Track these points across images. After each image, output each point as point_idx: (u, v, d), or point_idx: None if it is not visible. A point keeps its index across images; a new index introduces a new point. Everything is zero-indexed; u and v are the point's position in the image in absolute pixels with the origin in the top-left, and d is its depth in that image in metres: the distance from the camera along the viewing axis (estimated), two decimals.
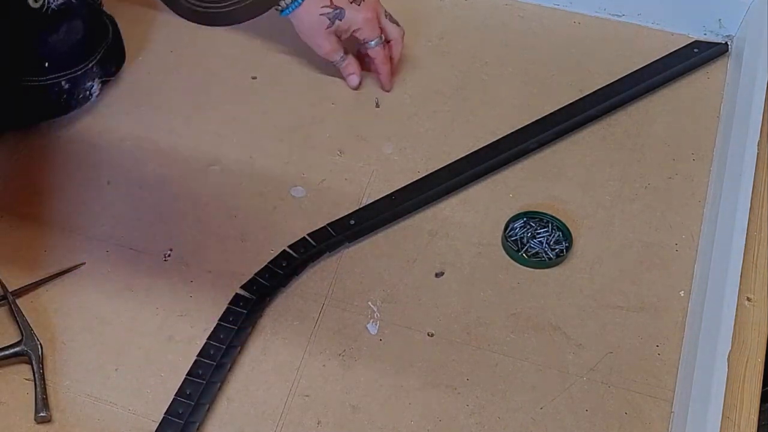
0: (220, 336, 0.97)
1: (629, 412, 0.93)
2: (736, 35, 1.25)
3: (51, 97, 1.10)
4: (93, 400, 0.93)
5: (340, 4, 1.10)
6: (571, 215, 1.08)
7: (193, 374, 0.94)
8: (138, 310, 1.00)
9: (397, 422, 0.92)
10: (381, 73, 1.18)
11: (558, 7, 1.31)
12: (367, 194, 1.10)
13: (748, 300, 0.97)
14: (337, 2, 1.10)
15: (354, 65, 1.17)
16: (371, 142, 1.16)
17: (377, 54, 1.15)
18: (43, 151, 1.14)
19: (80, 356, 0.97)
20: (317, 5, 1.09)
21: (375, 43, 1.14)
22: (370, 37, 1.14)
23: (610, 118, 1.18)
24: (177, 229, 1.07)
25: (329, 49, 1.14)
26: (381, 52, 1.15)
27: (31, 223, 1.07)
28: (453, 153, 1.14)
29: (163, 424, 0.91)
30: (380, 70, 1.17)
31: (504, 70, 1.24)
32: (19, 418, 0.92)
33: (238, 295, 1.00)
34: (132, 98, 1.20)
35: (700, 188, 1.11)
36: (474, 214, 1.09)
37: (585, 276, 1.03)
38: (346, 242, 1.05)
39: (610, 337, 0.98)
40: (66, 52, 1.09)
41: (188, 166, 1.13)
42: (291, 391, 0.94)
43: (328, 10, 1.08)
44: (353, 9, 1.10)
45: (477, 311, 1.00)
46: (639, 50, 1.25)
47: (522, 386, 0.95)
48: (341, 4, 1.10)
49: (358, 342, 0.98)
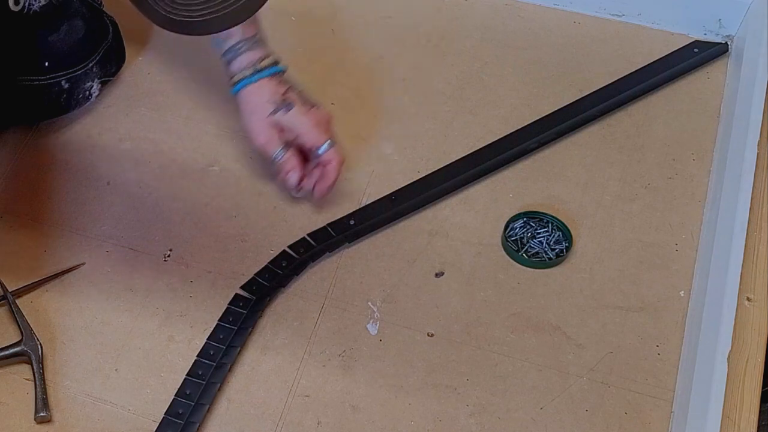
0: (220, 336, 0.97)
1: (629, 412, 0.93)
2: (736, 35, 1.25)
3: (51, 96, 1.10)
4: (93, 400, 0.93)
5: (291, 99, 1.02)
6: (571, 215, 1.08)
7: (193, 374, 0.94)
8: (138, 310, 1.00)
9: (397, 422, 0.92)
10: (326, 180, 1.03)
11: (558, 7, 1.31)
12: (367, 194, 1.10)
13: (748, 300, 0.97)
14: (289, 96, 1.02)
15: (294, 161, 1.03)
16: (371, 142, 1.16)
17: (329, 158, 1.02)
18: (43, 151, 1.14)
19: (80, 356, 0.97)
20: (269, 91, 1.01)
21: (324, 147, 1.02)
22: (317, 142, 1.02)
23: (610, 118, 1.18)
24: (177, 229, 1.07)
25: (265, 140, 1.02)
26: (334, 154, 1.03)
27: (31, 223, 1.08)
28: (453, 153, 1.14)
29: (163, 424, 0.91)
30: (329, 176, 1.03)
31: (504, 70, 1.24)
32: (19, 418, 0.92)
33: (238, 295, 1.00)
34: (132, 98, 1.20)
35: (700, 188, 1.11)
36: (474, 214, 1.09)
37: (585, 276, 1.03)
38: (346, 242, 1.05)
39: (610, 337, 0.98)
40: (66, 52, 1.09)
41: (188, 166, 1.13)
42: (291, 391, 0.94)
43: (276, 99, 1.00)
44: (302, 111, 1.02)
45: (477, 311, 1.00)
46: (639, 50, 1.25)
47: (522, 386, 0.95)
48: (292, 99, 1.02)
49: (358, 342, 0.98)
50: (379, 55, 1.26)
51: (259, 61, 1.01)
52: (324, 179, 1.03)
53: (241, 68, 1.01)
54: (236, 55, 1.01)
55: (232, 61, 1.02)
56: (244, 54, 1.01)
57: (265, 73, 1.01)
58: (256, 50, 1.02)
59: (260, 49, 1.02)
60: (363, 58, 1.25)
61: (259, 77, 1.01)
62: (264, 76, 1.01)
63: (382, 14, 1.31)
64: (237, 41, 1.01)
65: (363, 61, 1.25)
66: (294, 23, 1.30)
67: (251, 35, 1.02)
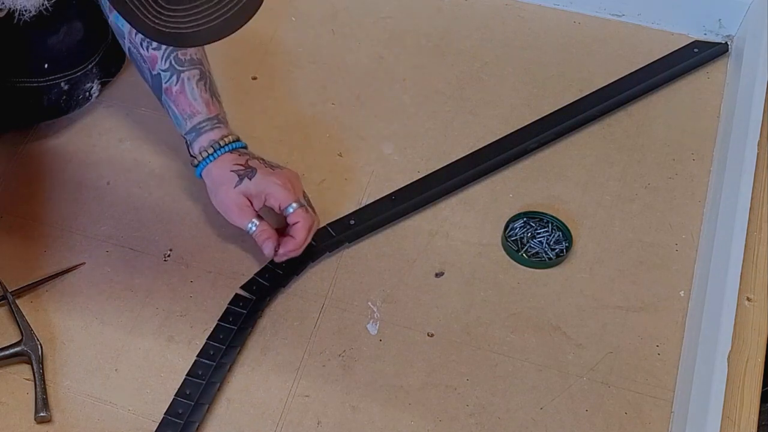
0: (220, 336, 0.97)
1: (629, 412, 0.93)
2: (736, 35, 1.25)
3: (51, 98, 1.10)
4: (93, 400, 0.93)
5: (253, 165, 1.00)
6: (571, 215, 1.08)
7: (192, 374, 0.94)
8: (138, 310, 1.00)
9: (397, 422, 0.92)
10: (296, 238, 0.99)
11: (558, 7, 1.31)
12: (367, 194, 1.10)
13: (748, 300, 0.97)
14: (251, 163, 1.01)
15: (269, 231, 1.00)
16: (371, 142, 1.16)
17: (298, 217, 0.99)
18: (43, 152, 1.14)
19: (80, 356, 0.97)
20: (230, 161, 1.00)
21: (294, 207, 0.99)
22: (285, 201, 0.99)
23: (610, 118, 1.18)
24: (177, 229, 1.07)
25: (237, 214, 1.00)
26: (302, 214, 0.99)
27: (31, 223, 1.08)
28: (453, 153, 1.14)
29: (163, 425, 0.91)
30: (296, 235, 0.99)
31: (504, 70, 1.24)
32: (19, 418, 0.92)
33: (238, 295, 1.00)
34: (132, 99, 1.20)
35: (700, 188, 1.11)
36: (474, 214, 1.09)
37: (585, 276, 1.03)
38: (346, 242, 1.05)
39: (610, 337, 0.98)
40: (65, 54, 1.09)
41: (188, 166, 1.12)
42: (291, 391, 0.94)
43: (239, 167, 0.99)
44: (266, 172, 1.00)
45: (477, 311, 1.00)
46: (639, 50, 1.25)
47: (522, 386, 0.95)
48: (254, 165, 1.01)
49: (358, 342, 0.98)
50: (379, 55, 1.26)
51: (220, 139, 1.01)
52: (288, 242, 0.99)
53: (203, 148, 1.01)
54: (198, 135, 1.02)
55: (194, 142, 1.02)
56: (205, 133, 1.01)
57: (225, 149, 1.01)
58: (218, 130, 1.02)
59: (222, 129, 1.02)
60: (363, 58, 1.26)
61: (221, 153, 1.01)
62: (225, 151, 1.01)
63: (382, 14, 1.31)
64: (200, 120, 1.02)
65: (363, 61, 1.25)
66: (294, 23, 1.30)
67: (214, 114, 1.02)
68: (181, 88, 1.01)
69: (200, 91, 1.02)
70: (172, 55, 1.01)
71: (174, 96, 1.02)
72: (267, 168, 1.01)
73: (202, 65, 1.03)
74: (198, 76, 1.02)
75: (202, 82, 1.02)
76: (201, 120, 1.02)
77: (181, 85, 1.01)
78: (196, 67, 1.02)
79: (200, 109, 1.02)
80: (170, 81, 1.01)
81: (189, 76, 1.01)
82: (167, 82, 1.01)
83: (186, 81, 1.01)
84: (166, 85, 1.01)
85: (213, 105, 1.03)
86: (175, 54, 1.01)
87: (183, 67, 1.01)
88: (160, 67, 1.01)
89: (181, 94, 1.01)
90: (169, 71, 1.01)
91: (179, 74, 1.01)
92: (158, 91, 1.03)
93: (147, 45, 1.00)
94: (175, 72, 1.01)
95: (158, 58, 1.00)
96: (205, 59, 1.04)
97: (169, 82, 1.01)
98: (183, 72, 1.01)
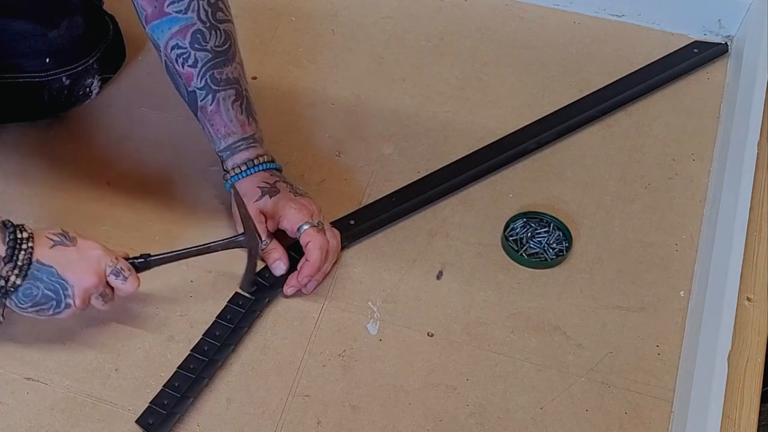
0: (216, 333, 0.97)
1: (629, 412, 0.93)
2: (735, 35, 1.25)
3: (52, 93, 1.10)
4: (93, 400, 0.93)
5: (279, 187, 1.01)
6: (571, 215, 1.08)
7: (184, 368, 0.94)
8: (138, 310, 1.00)
9: (397, 422, 0.92)
10: (309, 259, 0.98)
11: (558, 7, 1.31)
12: (367, 194, 1.10)
13: (748, 300, 0.97)
14: (278, 185, 1.01)
15: (279, 251, 1.01)
16: (371, 142, 1.16)
17: (309, 237, 0.98)
18: (43, 150, 1.14)
19: (80, 356, 0.97)
20: (260, 178, 1.01)
21: (305, 228, 0.98)
22: (296, 222, 0.98)
23: (610, 118, 1.18)
24: (177, 229, 1.07)
25: None
26: (313, 234, 0.98)
27: (31, 223, 1.07)
28: (453, 153, 1.14)
29: (147, 413, 0.91)
30: (309, 256, 0.98)
31: (504, 70, 1.24)
32: (20, 418, 0.92)
33: (238, 294, 1.00)
34: (132, 98, 1.20)
35: (700, 188, 1.11)
36: (474, 214, 1.09)
37: (585, 276, 1.03)
38: (346, 242, 1.05)
39: (610, 337, 0.98)
40: (67, 48, 1.09)
41: (188, 166, 1.13)
42: (291, 391, 0.94)
43: (265, 185, 1.00)
44: (287, 197, 1.00)
45: (477, 311, 1.00)
46: (639, 50, 1.25)
47: (522, 386, 0.95)
48: (280, 187, 1.01)
49: (358, 342, 0.98)
50: (379, 55, 1.26)
51: (255, 158, 1.01)
52: (304, 267, 0.98)
53: (236, 165, 1.01)
54: (233, 154, 1.01)
55: (228, 159, 1.02)
56: (240, 152, 1.01)
57: (259, 167, 1.01)
58: (253, 149, 1.02)
59: (257, 148, 1.02)
60: (363, 58, 1.26)
61: (253, 171, 1.01)
62: (258, 170, 1.01)
63: (382, 14, 1.31)
64: (235, 140, 1.01)
65: (363, 61, 1.25)
66: (294, 23, 1.30)
67: (250, 134, 1.02)
68: (216, 108, 1.00)
69: (236, 113, 1.00)
70: (208, 73, 0.98)
71: (209, 115, 1.00)
72: (290, 193, 1.00)
73: (239, 84, 1.01)
74: (234, 96, 1.00)
75: (238, 103, 1.00)
76: (236, 140, 1.01)
77: (217, 105, 0.99)
78: (233, 86, 1.00)
79: (235, 130, 1.01)
80: (206, 100, 0.99)
81: (225, 96, 1.00)
82: (203, 101, 1.00)
83: (222, 101, 1.00)
84: (202, 103, 1.00)
85: (249, 125, 1.02)
86: (211, 72, 0.98)
87: (219, 86, 0.99)
88: (195, 84, 0.99)
89: (217, 114, 1.00)
90: (205, 90, 0.99)
91: (215, 93, 0.99)
92: (194, 107, 1.01)
93: (183, 62, 0.98)
94: (210, 91, 0.99)
95: (194, 75, 0.98)
96: (242, 78, 1.02)
97: (205, 100, 0.99)
98: (219, 92, 0.99)
